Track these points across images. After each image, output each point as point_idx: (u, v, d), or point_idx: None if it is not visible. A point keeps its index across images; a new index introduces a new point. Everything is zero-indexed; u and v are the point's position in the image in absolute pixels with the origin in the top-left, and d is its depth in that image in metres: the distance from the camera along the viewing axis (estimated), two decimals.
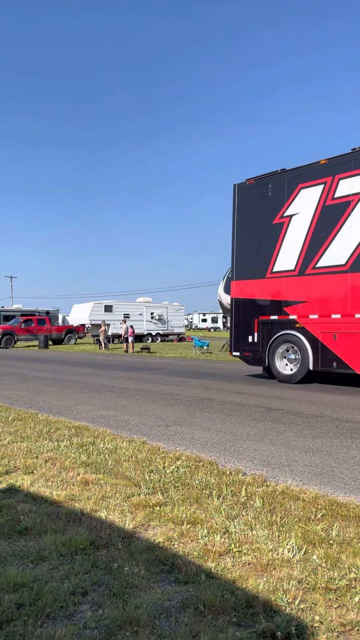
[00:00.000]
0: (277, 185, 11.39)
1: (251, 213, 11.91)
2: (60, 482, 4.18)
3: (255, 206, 11.80)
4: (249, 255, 11.98)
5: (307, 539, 3.04)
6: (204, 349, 24.11)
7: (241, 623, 2.24)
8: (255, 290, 11.86)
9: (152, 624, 2.22)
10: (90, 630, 2.19)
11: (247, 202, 12.01)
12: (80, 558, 2.83)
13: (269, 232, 11.46)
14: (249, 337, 11.88)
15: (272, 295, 11.47)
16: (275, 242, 11.35)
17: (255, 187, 11.83)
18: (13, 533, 3.17)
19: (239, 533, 3.13)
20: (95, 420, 7.02)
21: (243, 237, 12.13)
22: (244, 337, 12.03)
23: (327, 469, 4.66)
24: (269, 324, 11.50)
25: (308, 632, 2.16)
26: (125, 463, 4.71)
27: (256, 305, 11.80)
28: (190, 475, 4.33)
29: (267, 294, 11.59)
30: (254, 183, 11.89)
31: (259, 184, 11.78)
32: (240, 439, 5.87)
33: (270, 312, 11.48)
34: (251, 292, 11.94)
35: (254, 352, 11.80)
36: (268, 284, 11.55)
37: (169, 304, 40.07)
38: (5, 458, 4.93)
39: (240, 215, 12.20)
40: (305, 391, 10.13)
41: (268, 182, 11.56)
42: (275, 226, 11.37)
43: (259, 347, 11.67)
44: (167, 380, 12.15)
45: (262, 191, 11.66)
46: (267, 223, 11.52)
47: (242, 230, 12.15)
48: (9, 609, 2.31)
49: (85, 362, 19.04)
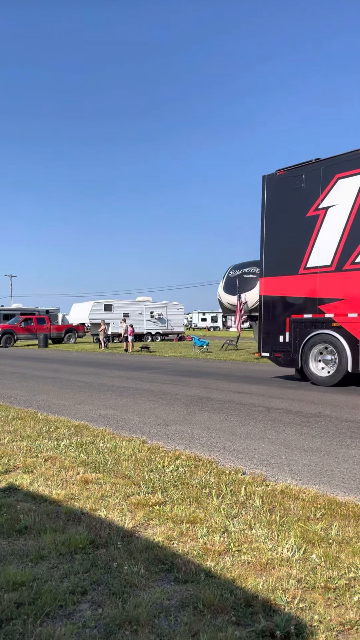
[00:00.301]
0: (311, 176, 10.66)
1: (282, 206, 11.21)
2: (59, 481, 4.18)
3: (287, 198, 11.09)
4: (279, 251, 11.28)
5: (306, 538, 3.04)
6: (203, 348, 24.11)
7: (240, 622, 2.25)
8: (286, 287, 11.15)
9: (152, 623, 2.23)
10: (89, 629, 2.19)
11: (278, 194, 11.29)
12: (80, 557, 2.83)
13: (302, 225, 10.76)
14: (280, 337, 11.22)
15: (306, 292, 10.80)
16: (309, 236, 10.66)
17: (287, 178, 11.09)
18: (12, 532, 3.17)
19: (238, 532, 3.13)
20: (94, 420, 7.02)
21: (273, 231, 11.41)
22: (274, 337, 11.36)
23: (326, 468, 4.67)
24: (303, 323, 10.84)
25: (307, 631, 2.16)
26: (125, 462, 4.71)
27: (288, 303, 11.13)
28: (190, 474, 4.34)
29: (300, 291, 10.91)
30: (285, 174, 11.16)
31: (290, 174, 11.03)
32: (239, 438, 5.87)
33: (304, 310, 10.83)
34: (282, 289, 11.24)
35: (286, 352, 11.15)
36: (301, 281, 10.85)
37: (168, 303, 40.06)
38: (4, 457, 4.93)
39: (269, 208, 11.47)
40: (304, 390, 10.13)
41: (301, 173, 10.82)
42: (309, 219, 10.69)
43: (291, 348, 11.00)
44: (166, 380, 12.15)
45: (294, 182, 10.93)
46: (300, 216, 10.84)
47: (272, 224, 11.43)
48: (9, 608, 2.31)
49: (85, 361, 19.04)
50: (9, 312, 38.06)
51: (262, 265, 11.79)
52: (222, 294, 20.59)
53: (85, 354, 24.23)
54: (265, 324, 11.67)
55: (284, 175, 11.23)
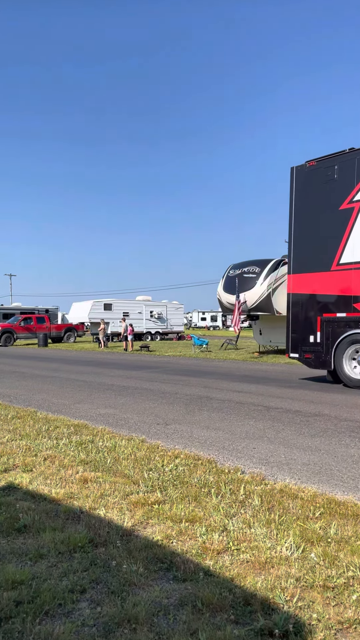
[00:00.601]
0: (345, 167, 10.06)
1: (313, 198, 10.61)
2: (59, 480, 4.18)
3: (318, 191, 10.48)
4: (310, 246, 10.67)
5: (305, 537, 3.04)
6: (203, 347, 24.12)
7: (239, 621, 2.25)
8: (318, 284, 10.54)
9: (151, 622, 2.23)
10: (88, 627, 2.20)
11: (308, 186, 10.70)
12: (79, 556, 2.83)
13: (336, 218, 10.21)
14: (311, 337, 10.66)
15: (340, 289, 10.22)
16: (343, 230, 10.08)
17: (318, 170, 10.48)
18: (12, 531, 3.17)
19: (237, 531, 3.13)
20: (94, 419, 7.02)
21: (303, 226, 10.82)
22: (304, 337, 10.77)
23: (325, 467, 4.67)
24: (336, 322, 10.28)
25: (306, 630, 2.17)
26: (124, 461, 4.71)
27: (319, 302, 10.56)
28: (189, 473, 4.34)
29: (333, 288, 10.34)
30: (316, 165, 10.55)
31: (322, 165, 10.41)
32: (239, 438, 5.88)
33: (337, 308, 10.27)
34: (313, 286, 10.64)
35: (317, 353, 10.55)
36: (334, 277, 10.28)
37: (168, 303, 40.06)
38: (4, 456, 4.93)
39: (299, 201, 10.87)
40: (304, 390, 10.14)
41: (333, 164, 10.23)
42: (342, 212, 10.12)
43: (323, 349, 10.41)
44: (166, 379, 12.15)
45: (326, 174, 10.34)
46: (332, 209, 10.26)
47: (302, 218, 10.83)
48: (8, 606, 2.32)
49: (85, 360, 19.04)
50: (9, 311, 38.04)
51: (290, 262, 11.25)
52: (221, 293, 20.59)
53: (84, 353, 24.23)
54: (294, 324, 11.11)
55: (315, 166, 10.60)
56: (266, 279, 19.04)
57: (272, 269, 19.20)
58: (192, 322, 75.04)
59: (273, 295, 19.03)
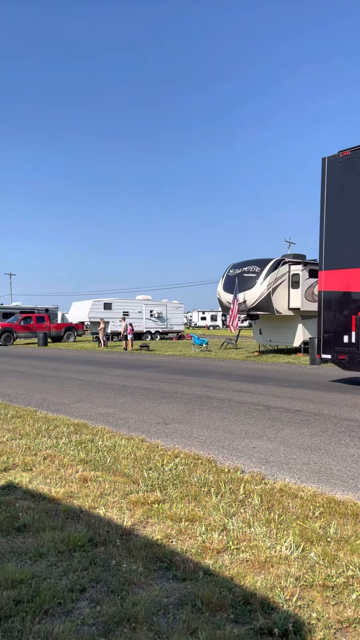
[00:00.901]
0: None
1: (347, 190, 10.12)
2: (58, 479, 4.18)
3: (353, 182, 9.99)
4: (344, 240, 10.14)
5: (304, 537, 3.05)
6: (203, 347, 24.11)
7: (239, 620, 2.25)
8: (353, 281, 10.03)
9: (150, 621, 2.23)
10: (88, 626, 2.20)
11: (341, 177, 10.19)
12: (79, 555, 2.84)
13: None
14: (345, 337, 10.16)
15: None
16: None
17: (353, 160, 9.99)
18: (11, 530, 3.17)
19: (237, 530, 3.13)
20: (94, 418, 7.02)
21: (336, 219, 10.31)
22: (337, 337, 10.28)
23: (325, 467, 4.67)
24: None
25: (305, 629, 2.17)
26: (124, 460, 4.71)
27: (355, 299, 10.03)
28: (189, 472, 4.34)
29: None
30: (350, 155, 10.05)
31: (357, 155, 9.92)
32: (238, 437, 5.88)
33: None
34: (347, 283, 10.12)
35: (352, 354, 10.03)
36: None
37: (168, 302, 40.04)
38: (4, 455, 4.93)
39: (331, 193, 10.39)
40: (303, 389, 10.14)
41: None
42: None
43: (358, 349, 9.94)
44: (166, 378, 12.15)
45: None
46: None
47: (335, 211, 10.34)
48: (7, 605, 2.32)
49: (84, 359, 19.04)
50: (9, 310, 38.02)
51: (322, 258, 10.72)
52: (221, 293, 20.59)
53: (84, 352, 24.23)
54: (326, 323, 10.56)
55: (349, 156, 10.09)
56: (266, 278, 19.04)
57: (272, 269, 19.19)
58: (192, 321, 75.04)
59: (273, 295, 19.03)
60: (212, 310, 74.33)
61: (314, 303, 19.81)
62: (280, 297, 19.34)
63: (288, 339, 20.67)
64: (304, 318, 20.01)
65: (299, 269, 19.48)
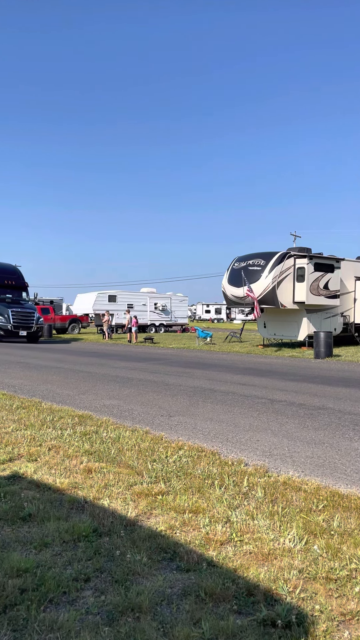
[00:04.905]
0: None
1: None
2: (63, 470, 4.21)
3: None
4: None
5: (308, 530, 3.05)
6: (207, 340, 24.11)
7: (242, 611, 2.27)
8: None
9: (154, 611, 2.25)
10: (92, 615, 2.22)
11: None
12: (83, 545, 2.86)
13: None
14: None
15: None
16: None
17: None
18: (17, 519, 3.20)
19: (240, 522, 3.15)
20: (98, 409, 7.05)
21: None
22: None
23: (329, 460, 4.68)
24: None
25: (308, 620, 2.18)
26: (128, 452, 4.74)
27: None
28: (193, 465, 4.35)
29: None
30: None
31: None
32: (242, 430, 5.89)
33: None
34: None
35: None
36: None
37: (172, 295, 40.03)
38: (9, 445, 4.96)
39: None
40: (307, 383, 10.13)
41: None
42: None
43: None
44: (170, 371, 12.17)
45: None
46: None
47: None
48: (13, 593, 2.34)
49: (89, 351, 19.09)
50: None
51: None
52: (226, 286, 20.54)
53: (89, 344, 24.29)
54: None
55: None
56: (271, 271, 18.97)
57: (277, 262, 19.12)
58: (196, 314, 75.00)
59: (278, 288, 18.97)
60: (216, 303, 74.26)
61: (318, 297, 19.77)
62: (285, 290, 19.27)
63: (292, 332, 20.63)
64: (309, 312, 19.95)
65: (304, 262, 19.39)
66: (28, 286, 24.96)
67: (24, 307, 23.26)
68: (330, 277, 20.15)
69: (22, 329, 22.67)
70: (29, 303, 24.68)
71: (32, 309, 23.75)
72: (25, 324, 22.81)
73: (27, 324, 22.88)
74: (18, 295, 24.13)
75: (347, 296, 21.71)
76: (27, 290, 25.00)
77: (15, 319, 22.35)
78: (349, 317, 21.92)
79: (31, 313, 23.24)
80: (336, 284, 20.45)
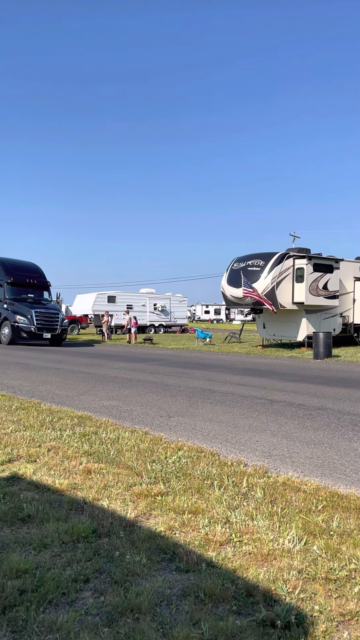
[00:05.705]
0: None
1: None
2: (62, 470, 4.21)
3: None
4: None
5: (307, 530, 3.05)
6: (206, 340, 24.11)
7: (241, 611, 2.27)
8: None
9: (153, 611, 2.25)
10: (92, 616, 2.21)
11: None
12: (82, 546, 2.85)
13: None
14: None
15: None
16: None
17: None
18: (16, 520, 3.19)
19: (239, 523, 3.15)
20: (97, 410, 7.05)
21: None
22: None
23: (328, 460, 4.68)
24: None
25: (308, 621, 2.18)
26: (128, 453, 4.73)
27: None
28: (192, 465, 4.35)
29: None
30: None
31: None
32: (242, 430, 5.89)
33: None
34: None
35: None
36: None
37: (172, 295, 40.04)
38: (8, 446, 4.96)
39: None
40: (307, 384, 10.14)
41: None
42: None
43: None
44: (169, 372, 12.17)
45: None
46: None
47: None
48: (12, 594, 2.34)
49: (88, 352, 19.08)
50: None
51: None
52: (225, 287, 20.56)
53: (88, 345, 24.27)
54: None
55: None
56: (270, 272, 18.99)
57: (277, 263, 19.14)
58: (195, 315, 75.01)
59: (277, 289, 18.99)
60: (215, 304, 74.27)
61: (318, 297, 19.79)
62: (284, 291, 19.29)
63: (292, 333, 20.65)
64: (308, 312, 19.96)
65: (303, 263, 19.41)
66: (50, 285, 23.62)
67: (47, 308, 22.02)
68: (330, 277, 20.17)
69: (46, 331, 21.37)
70: (51, 303, 23.45)
71: (56, 310, 22.54)
72: (50, 325, 21.50)
73: (52, 326, 21.57)
74: (40, 295, 22.91)
75: (346, 297, 21.74)
76: (50, 289, 23.69)
77: (38, 320, 20.98)
78: (348, 317, 21.94)
79: (55, 314, 22.00)
80: (335, 285, 20.47)
